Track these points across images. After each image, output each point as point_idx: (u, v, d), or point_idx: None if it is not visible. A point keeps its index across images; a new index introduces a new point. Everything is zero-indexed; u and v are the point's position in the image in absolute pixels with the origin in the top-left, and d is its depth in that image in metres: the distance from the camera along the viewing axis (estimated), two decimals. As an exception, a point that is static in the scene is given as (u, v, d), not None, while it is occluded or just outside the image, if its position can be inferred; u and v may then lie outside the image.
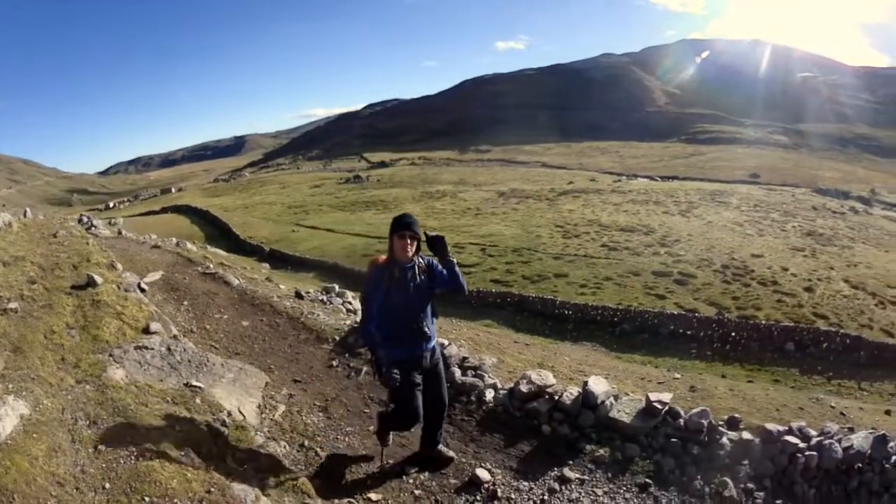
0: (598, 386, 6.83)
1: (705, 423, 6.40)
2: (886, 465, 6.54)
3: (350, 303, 12.78)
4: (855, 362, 24.55)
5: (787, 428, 6.72)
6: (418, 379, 5.53)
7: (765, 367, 23.88)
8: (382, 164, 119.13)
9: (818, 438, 6.64)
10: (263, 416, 6.56)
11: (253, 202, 76.34)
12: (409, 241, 5.45)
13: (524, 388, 6.88)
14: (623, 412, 6.60)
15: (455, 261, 5.68)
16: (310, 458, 5.97)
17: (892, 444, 6.69)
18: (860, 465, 6.52)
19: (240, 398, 6.58)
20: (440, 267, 5.61)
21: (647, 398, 6.64)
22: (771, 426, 6.62)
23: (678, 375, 15.02)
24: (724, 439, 6.39)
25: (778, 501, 6.05)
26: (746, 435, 6.52)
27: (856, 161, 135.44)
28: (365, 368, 7.99)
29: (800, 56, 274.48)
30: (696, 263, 35.00)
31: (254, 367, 7.80)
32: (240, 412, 6.23)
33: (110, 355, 6.53)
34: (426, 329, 5.52)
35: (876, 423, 10.69)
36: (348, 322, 9.73)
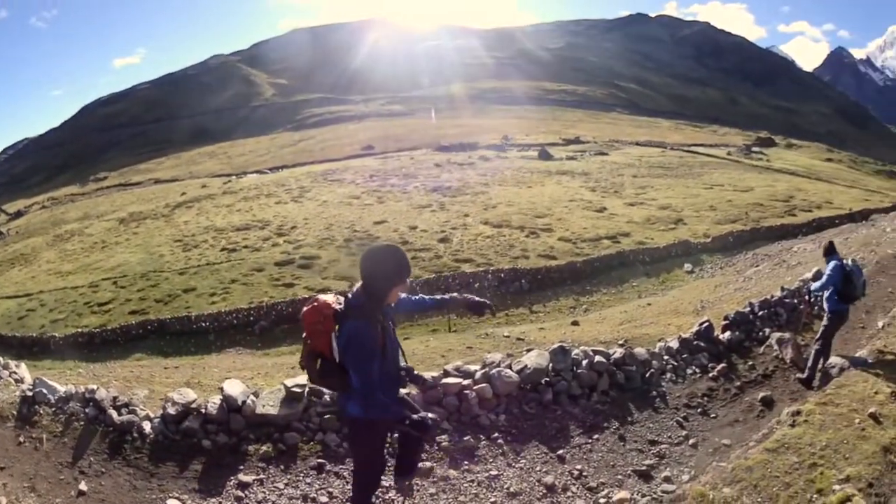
0: (234, 388, 7.12)
1: (357, 389, 6.90)
2: (580, 371, 7.85)
3: (15, 372, 11.93)
4: (518, 291, 26.35)
5: (441, 372, 7.45)
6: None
7: (416, 322, 24.32)
8: (19, 214, 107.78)
9: (483, 371, 7.46)
10: (-4, 514, 6.28)
11: (-78, 286, 67.57)
12: None
13: (172, 410, 7.07)
14: (268, 406, 6.89)
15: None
16: (43, 539, 5.86)
17: (576, 351, 8.15)
18: (547, 378, 7.65)
19: (-31, 505, 6.32)
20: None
21: (285, 385, 6.99)
22: (423, 375, 7.09)
23: (327, 353, 13.48)
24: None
25: (466, 437, 6.71)
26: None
27: (483, 114, 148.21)
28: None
29: (423, 26, 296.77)
30: (317, 245, 35.99)
31: (-34, 468, 7.47)
32: (-24, 519, 6.02)
33: None
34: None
35: (564, 337, 11.48)
36: (17, 393, 9.32)
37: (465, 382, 7.11)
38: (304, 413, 6.66)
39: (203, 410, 6.91)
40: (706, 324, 10.22)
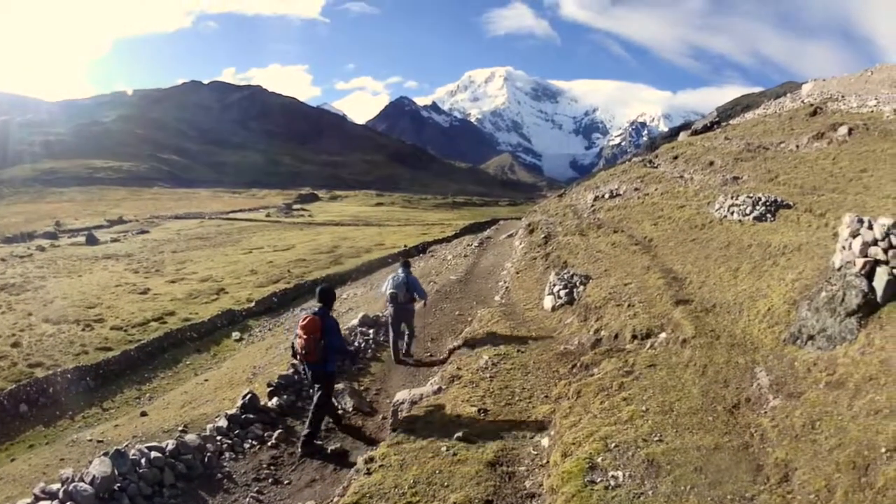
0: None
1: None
2: (142, 470, 7.65)
3: None
4: (87, 389, 25.25)
5: (32, 497, 6.99)
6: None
7: (16, 440, 22.33)
8: None
9: (63, 488, 6.99)
10: None
11: None
12: None
13: None
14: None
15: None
16: None
17: (133, 451, 7.89)
18: (119, 484, 7.31)
19: None
20: None
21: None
22: (22, 503, 6.82)
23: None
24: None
25: None
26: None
27: (41, 198, 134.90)
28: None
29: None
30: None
31: None
32: None
33: None
34: None
35: (136, 431, 11.63)
36: None
37: (54, 504, 6.65)
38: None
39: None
40: (249, 395, 10.46)
